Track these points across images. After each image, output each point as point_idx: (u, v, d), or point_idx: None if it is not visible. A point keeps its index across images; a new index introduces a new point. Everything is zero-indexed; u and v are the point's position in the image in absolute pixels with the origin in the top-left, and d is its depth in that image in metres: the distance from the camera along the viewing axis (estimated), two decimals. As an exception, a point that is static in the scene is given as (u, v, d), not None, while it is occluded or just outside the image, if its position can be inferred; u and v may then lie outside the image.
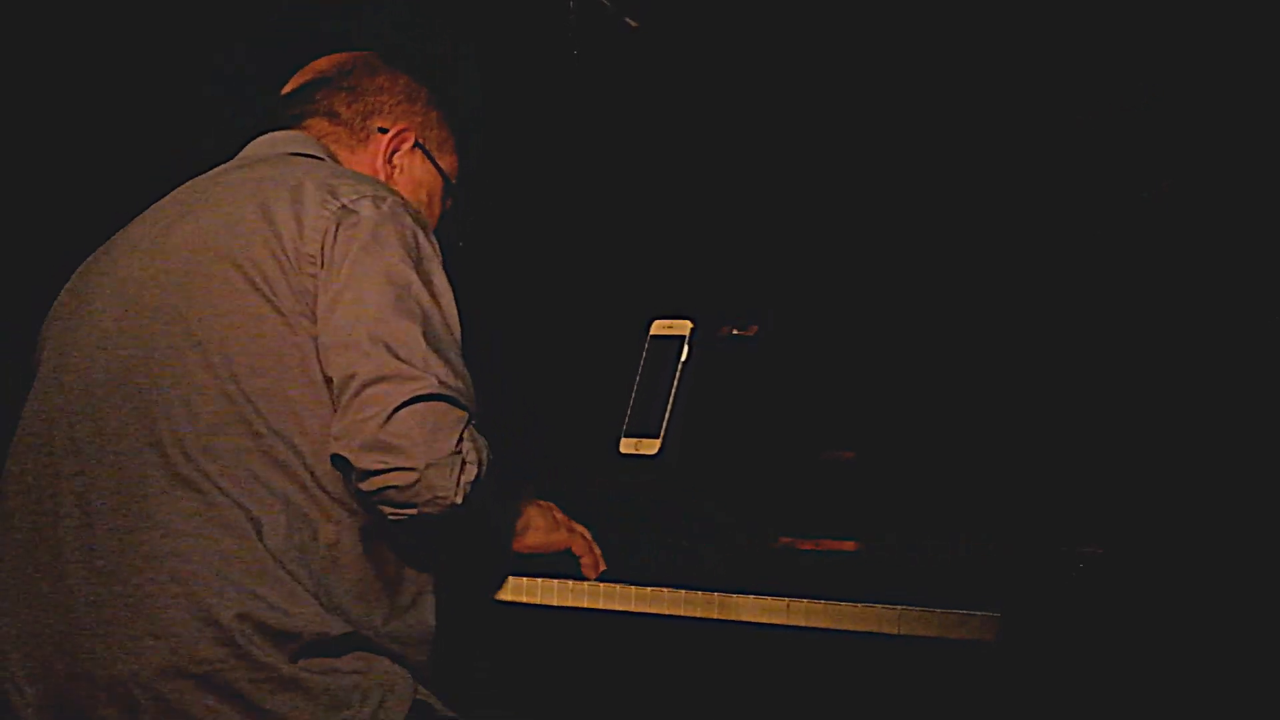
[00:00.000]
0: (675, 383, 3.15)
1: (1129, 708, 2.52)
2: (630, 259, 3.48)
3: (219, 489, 2.49)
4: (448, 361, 2.52)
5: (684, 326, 3.18)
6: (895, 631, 2.58)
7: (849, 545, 2.86)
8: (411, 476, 2.46)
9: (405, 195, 2.76)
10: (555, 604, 2.90)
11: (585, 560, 2.90)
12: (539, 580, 2.91)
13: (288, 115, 2.83)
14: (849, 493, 2.94)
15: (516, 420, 3.15)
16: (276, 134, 2.81)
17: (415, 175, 2.87)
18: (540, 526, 2.85)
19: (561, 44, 3.41)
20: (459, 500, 2.48)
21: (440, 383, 2.48)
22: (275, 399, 2.52)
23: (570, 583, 2.89)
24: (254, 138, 2.81)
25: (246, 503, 2.50)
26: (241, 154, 2.80)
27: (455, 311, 2.60)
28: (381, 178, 2.82)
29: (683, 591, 2.77)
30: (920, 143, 3.27)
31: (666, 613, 2.78)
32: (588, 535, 2.90)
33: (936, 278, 3.09)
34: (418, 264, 2.56)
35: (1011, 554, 2.69)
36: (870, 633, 2.61)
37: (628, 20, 3.31)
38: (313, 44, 3.00)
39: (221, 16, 3.75)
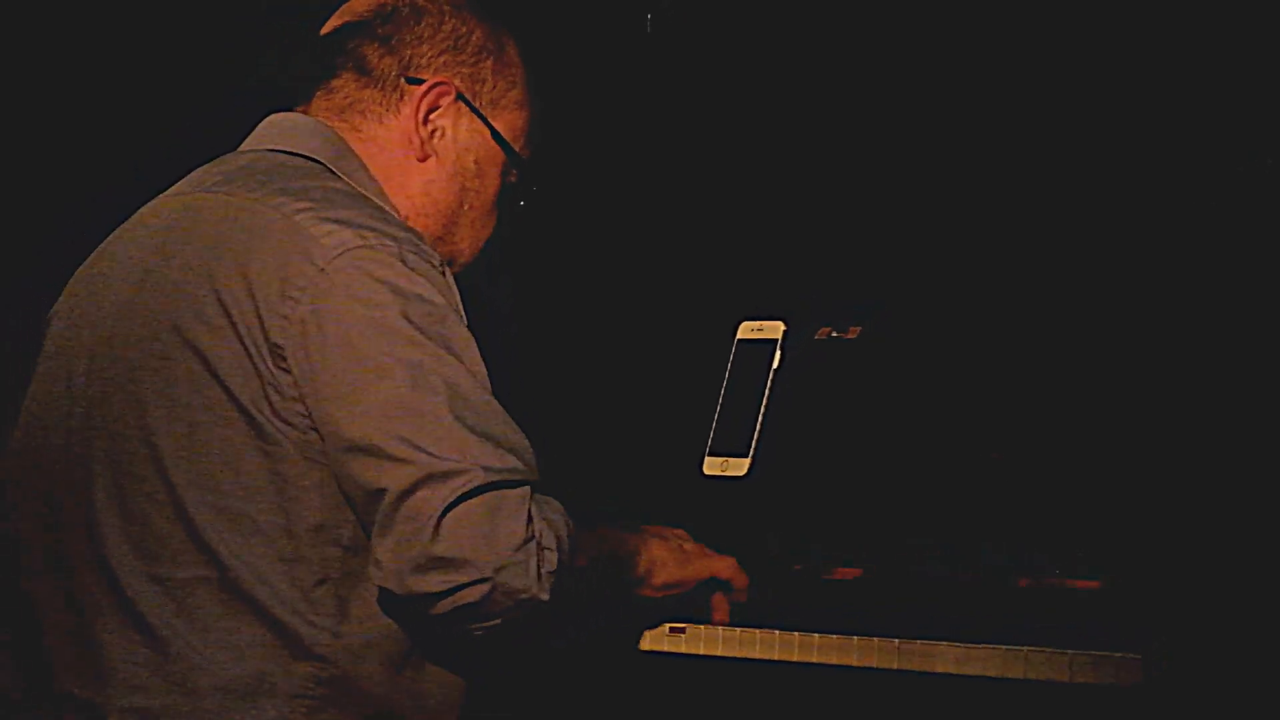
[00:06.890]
0: (766, 393, 3.01)
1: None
2: (714, 254, 3.32)
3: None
4: (487, 436, 2.29)
5: (775, 329, 3.05)
6: (1021, 676, 2.46)
7: (964, 577, 2.73)
8: (484, 588, 2.25)
9: (448, 166, 2.57)
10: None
11: (737, 582, 2.68)
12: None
13: (319, 65, 2.60)
14: (962, 519, 2.81)
15: (583, 441, 3.04)
16: (282, 118, 2.58)
17: (460, 139, 2.59)
18: (669, 562, 2.61)
19: (639, 25, 3.34)
20: (544, 596, 2.28)
21: (486, 469, 2.26)
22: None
23: (703, 628, 2.70)
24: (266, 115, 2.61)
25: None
26: (242, 145, 2.59)
27: (479, 358, 2.36)
28: (415, 144, 2.56)
29: (777, 632, 2.63)
30: (1052, 126, 3.14)
31: (759, 657, 2.64)
32: (730, 560, 2.69)
33: (1063, 273, 2.96)
34: (425, 324, 2.33)
35: (1153, 586, 2.56)
36: (992, 678, 2.48)
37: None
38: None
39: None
